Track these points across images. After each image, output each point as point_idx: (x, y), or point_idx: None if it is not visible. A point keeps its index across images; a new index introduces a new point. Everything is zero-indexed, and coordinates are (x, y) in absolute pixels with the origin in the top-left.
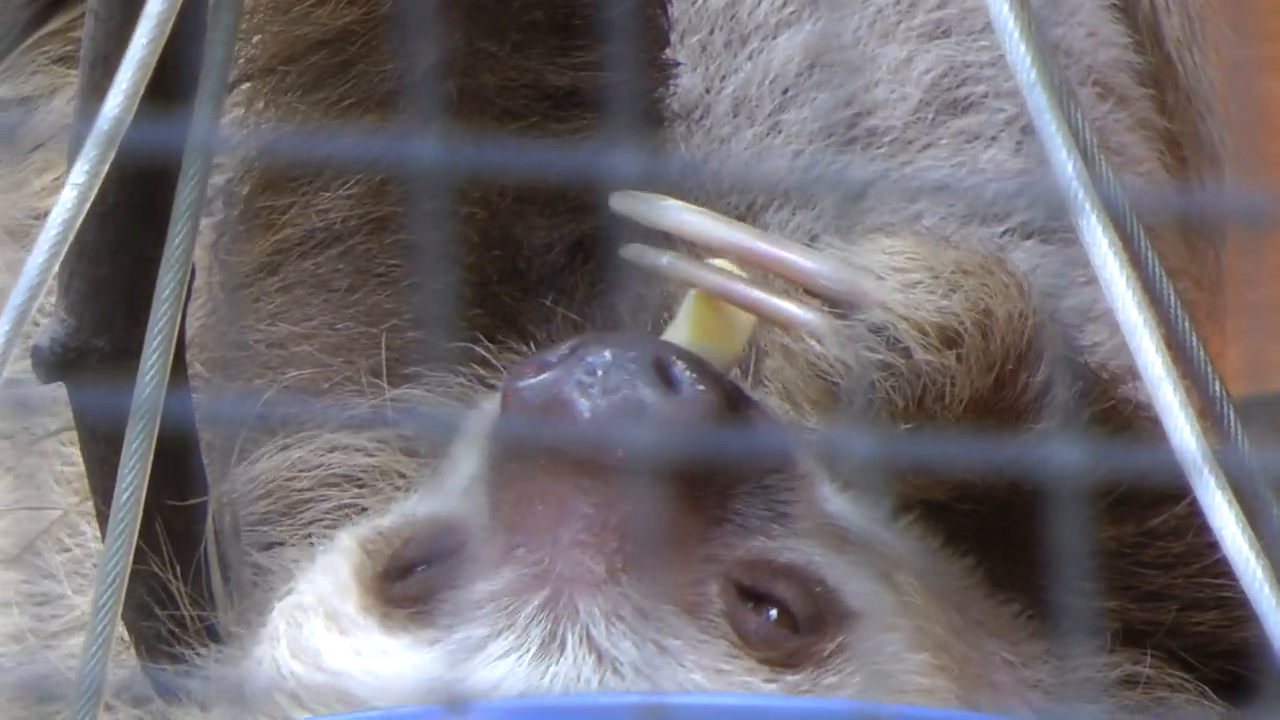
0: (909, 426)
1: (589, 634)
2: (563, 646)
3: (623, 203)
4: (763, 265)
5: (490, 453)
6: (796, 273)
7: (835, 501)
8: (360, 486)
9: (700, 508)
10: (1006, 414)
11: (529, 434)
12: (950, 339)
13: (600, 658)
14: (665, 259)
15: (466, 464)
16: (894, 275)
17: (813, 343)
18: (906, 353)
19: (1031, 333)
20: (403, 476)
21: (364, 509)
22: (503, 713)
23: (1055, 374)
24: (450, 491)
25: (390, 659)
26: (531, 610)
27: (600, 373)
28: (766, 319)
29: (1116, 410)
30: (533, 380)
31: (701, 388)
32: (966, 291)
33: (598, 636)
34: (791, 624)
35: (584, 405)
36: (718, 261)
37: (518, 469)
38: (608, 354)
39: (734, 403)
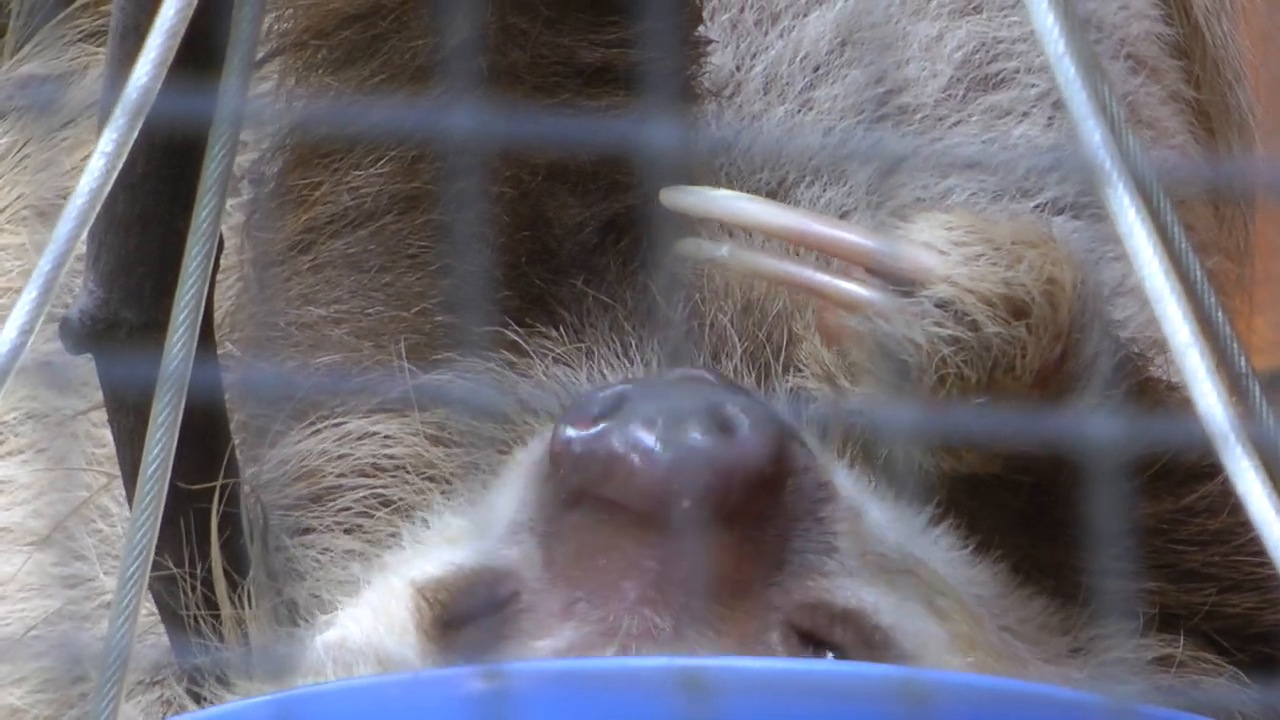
0: (980, 401)
1: None
2: None
3: (672, 198)
4: (822, 247)
5: (543, 503)
6: (857, 252)
7: (878, 526)
8: (390, 476)
9: (760, 552)
10: (1064, 385)
11: (586, 486)
12: (1019, 309)
13: None
14: (725, 249)
15: (508, 507)
16: (956, 250)
17: (880, 322)
18: (974, 326)
19: (1093, 302)
20: (432, 467)
21: (394, 501)
22: (540, 676)
23: (1104, 346)
24: (495, 537)
25: None
26: None
27: (658, 422)
28: (831, 302)
29: (1150, 386)
30: (586, 433)
31: (757, 427)
32: (1030, 262)
33: None
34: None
35: (643, 458)
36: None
37: (575, 521)
38: (662, 403)
39: (788, 440)
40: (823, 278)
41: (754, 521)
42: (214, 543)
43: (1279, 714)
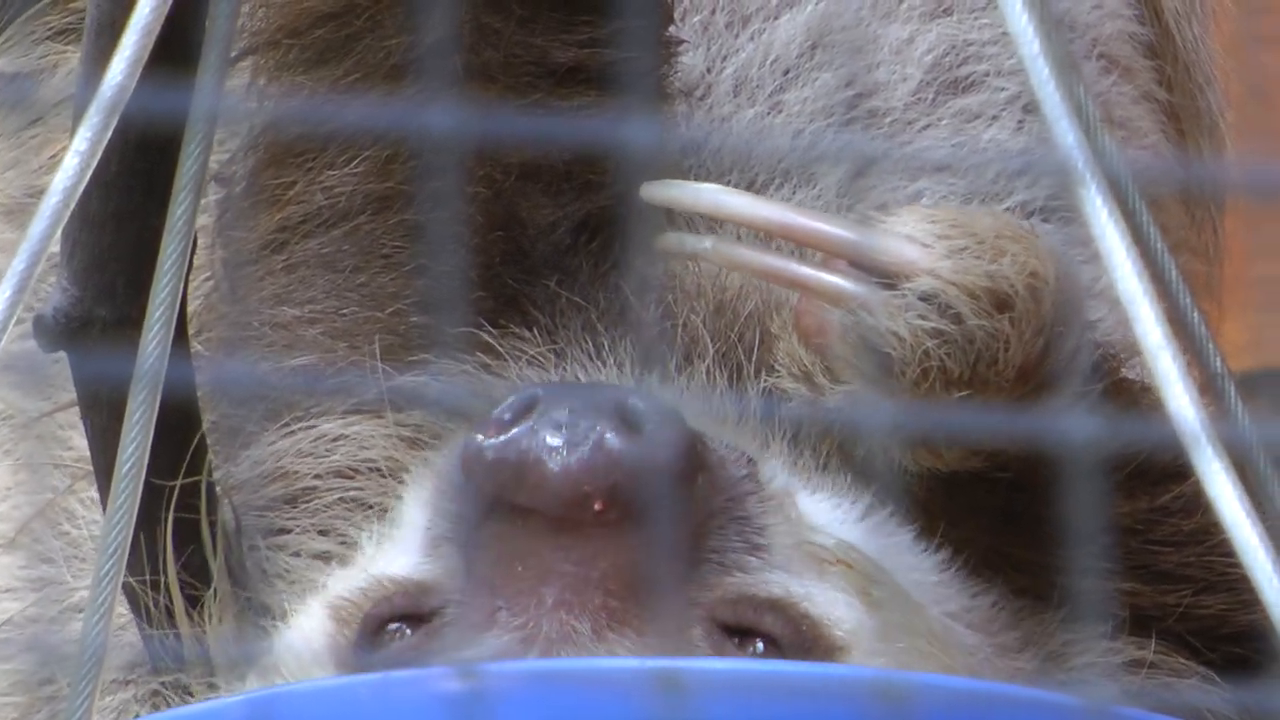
0: (961, 395)
1: None
2: None
3: (655, 191)
4: (806, 241)
5: (460, 513)
6: (841, 246)
7: (810, 516)
8: (364, 478)
9: (678, 551)
10: (1044, 380)
11: (499, 493)
12: (1002, 302)
13: None
14: (708, 243)
15: (423, 518)
16: (939, 243)
17: (863, 315)
18: (958, 318)
19: (1074, 297)
20: (406, 470)
21: (369, 503)
22: (514, 676)
23: (1084, 342)
24: (413, 549)
25: None
26: None
27: (564, 425)
28: (814, 295)
29: (1125, 386)
30: (495, 440)
31: (664, 424)
32: (1014, 255)
33: None
34: (779, 656)
35: (553, 461)
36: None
37: (491, 530)
38: (568, 405)
39: (696, 437)
40: (806, 270)
41: (667, 518)
42: (167, 542)
43: (1251, 714)
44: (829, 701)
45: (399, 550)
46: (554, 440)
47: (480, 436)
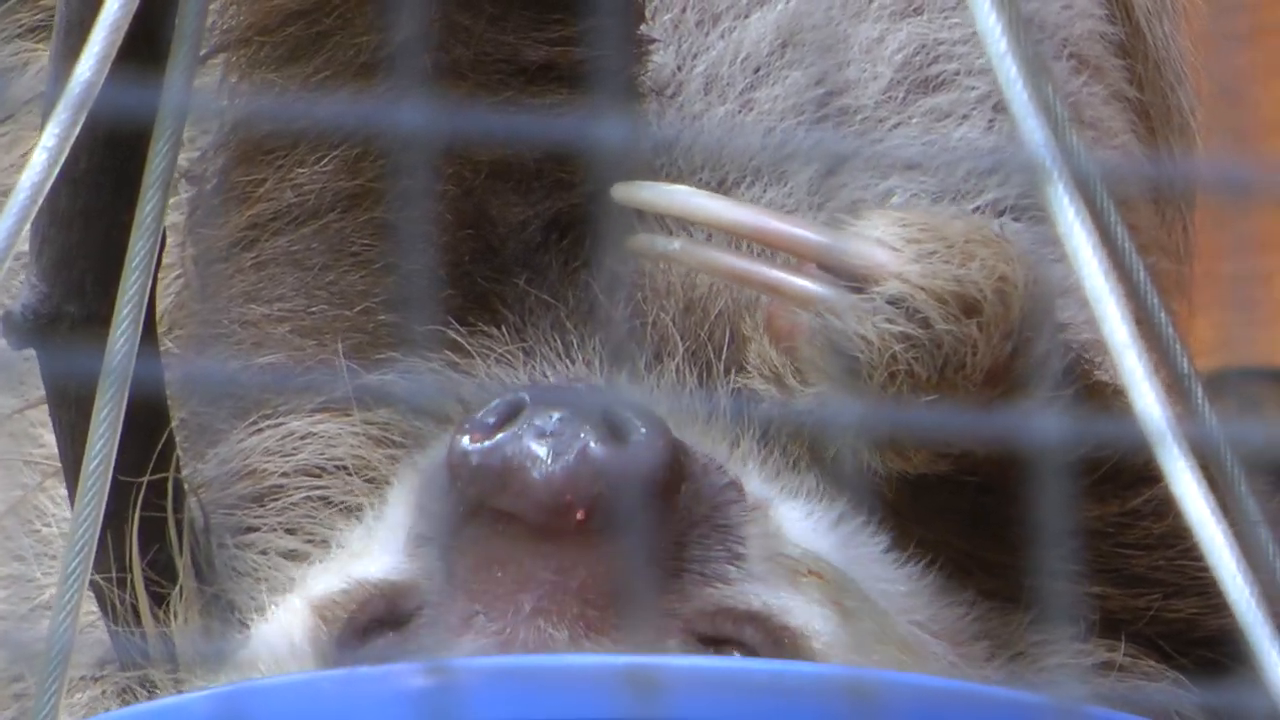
0: (929, 399)
1: None
2: None
3: (625, 193)
4: (776, 243)
5: (443, 514)
6: (810, 248)
7: (786, 526)
8: (332, 477)
9: (658, 561)
10: (1013, 385)
11: (482, 498)
12: (970, 307)
13: None
14: (677, 244)
15: (406, 518)
16: (908, 246)
17: (831, 318)
18: (926, 323)
19: (1043, 301)
20: (374, 469)
21: (336, 502)
22: (483, 672)
23: (1054, 346)
24: (395, 550)
25: None
26: None
27: (550, 432)
28: (783, 297)
29: (1097, 389)
30: (481, 445)
31: (649, 433)
32: (982, 260)
33: None
34: None
35: (537, 469)
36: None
37: (474, 533)
38: (554, 411)
39: (680, 446)
40: (775, 273)
41: (648, 529)
42: (133, 539)
43: (1221, 718)
44: (800, 699)
45: (381, 550)
46: (538, 448)
47: (465, 440)
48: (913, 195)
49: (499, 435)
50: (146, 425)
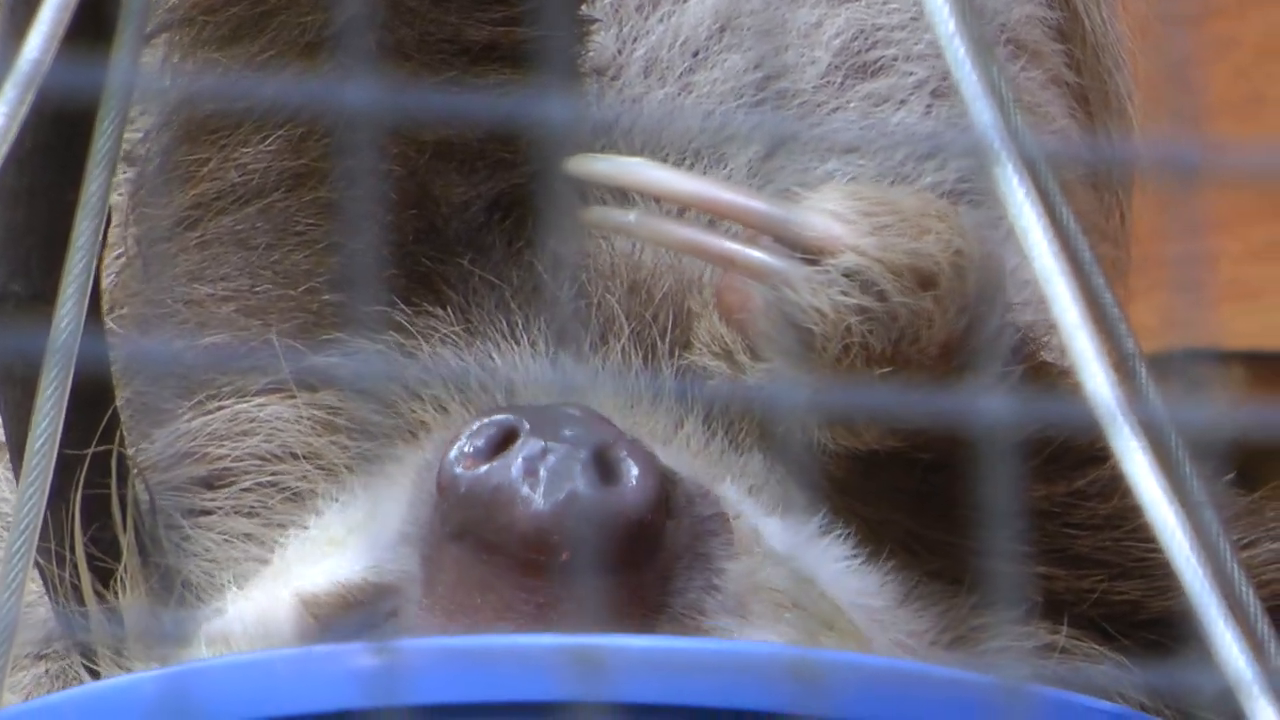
0: (884, 372)
1: None
2: None
3: (579, 166)
4: (730, 215)
5: (430, 523)
6: (764, 221)
7: (766, 550)
8: (282, 463)
9: (640, 598)
10: (966, 359)
11: (466, 525)
12: (926, 280)
13: None
14: (632, 217)
15: (396, 514)
16: (863, 219)
17: (786, 290)
18: (882, 295)
19: (996, 276)
20: (320, 456)
21: (286, 486)
22: (430, 652)
23: (1006, 322)
24: (383, 545)
25: None
26: None
27: (541, 468)
28: (738, 269)
29: (1043, 370)
30: (471, 473)
31: (641, 476)
32: (938, 233)
33: None
34: None
35: (524, 505)
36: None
37: (457, 554)
38: (548, 443)
39: (670, 484)
40: (730, 245)
41: (634, 567)
42: (75, 516)
43: (1163, 698)
44: (745, 678)
45: (370, 543)
46: (527, 485)
47: (458, 468)
48: (852, 178)
49: (489, 464)
50: (91, 403)
